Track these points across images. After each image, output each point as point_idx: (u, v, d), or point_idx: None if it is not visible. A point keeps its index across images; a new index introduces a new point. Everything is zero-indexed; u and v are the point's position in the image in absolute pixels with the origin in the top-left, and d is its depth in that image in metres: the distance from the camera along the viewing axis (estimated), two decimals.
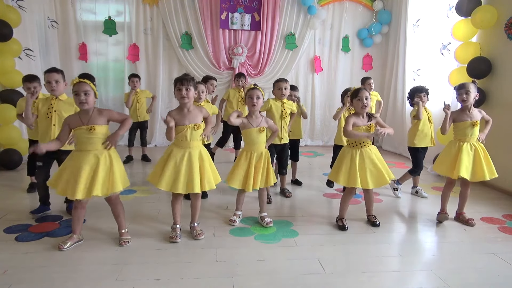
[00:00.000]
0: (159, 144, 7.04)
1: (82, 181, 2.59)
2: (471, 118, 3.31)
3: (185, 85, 2.82)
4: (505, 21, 4.46)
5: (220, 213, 3.62)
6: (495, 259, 2.77)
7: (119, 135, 2.75)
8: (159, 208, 3.67)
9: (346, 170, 3.11)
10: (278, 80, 3.96)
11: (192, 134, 2.85)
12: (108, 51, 6.81)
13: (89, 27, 6.67)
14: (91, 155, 2.64)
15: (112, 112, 2.79)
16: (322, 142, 7.65)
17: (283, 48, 7.19)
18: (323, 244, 2.98)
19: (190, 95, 2.84)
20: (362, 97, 3.07)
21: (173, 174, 2.81)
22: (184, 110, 2.89)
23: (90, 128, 2.64)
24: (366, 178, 3.07)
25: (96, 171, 2.62)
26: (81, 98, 2.62)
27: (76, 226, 2.83)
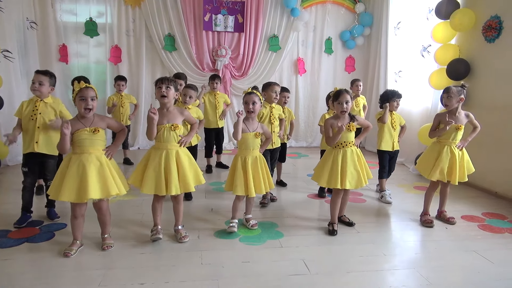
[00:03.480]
0: (142, 146, 6.97)
1: (93, 181, 2.56)
2: (456, 121, 3.36)
3: (165, 84, 2.82)
4: (482, 24, 4.58)
5: (205, 216, 3.60)
6: (476, 257, 2.83)
7: (118, 146, 2.84)
8: (143, 211, 3.63)
9: (328, 171, 3.12)
10: (272, 83, 3.89)
11: (169, 135, 2.83)
12: (90, 52, 6.70)
13: (69, 28, 6.55)
14: (93, 157, 2.62)
15: (112, 120, 2.87)
16: (306, 143, 7.69)
17: (266, 50, 7.21)
18: (308, 245, 3.00)
19: (170, 94, 2.83)
20: (343, 101, 3.06)
21: (154, 177, 2.79)
22: (163, 109, 2.88)
23: (94, 129, 2.64)
24: (346, 179, 3.09)
25: (103, 173, 2.61)
26: (88, 104, 2.63)
27: (77, 232, 2.80)
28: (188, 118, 3.02)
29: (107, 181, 2.61)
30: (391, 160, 4.26)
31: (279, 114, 3.98)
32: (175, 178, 2.80)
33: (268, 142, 3.36)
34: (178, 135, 2.87)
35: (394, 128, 4.16)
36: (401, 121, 4.28)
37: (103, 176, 2.61)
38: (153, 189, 2.80)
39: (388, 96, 4.14)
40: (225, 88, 6.97)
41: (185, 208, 3.24)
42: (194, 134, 3.11)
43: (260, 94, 3.19)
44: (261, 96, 3.21)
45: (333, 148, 3.16)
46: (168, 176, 2.79)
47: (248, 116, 3.15)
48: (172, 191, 2.79)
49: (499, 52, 4.41)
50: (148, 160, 2.84)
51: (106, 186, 2.61)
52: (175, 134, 2.85)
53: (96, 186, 2.57)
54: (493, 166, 4.41)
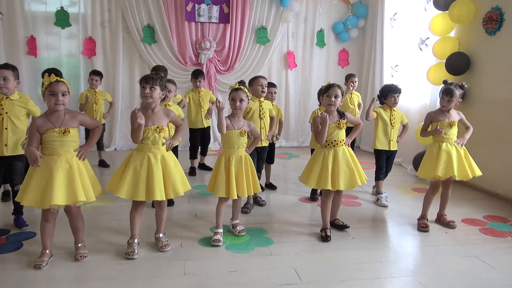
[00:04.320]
0: (119, 147, 6.90)
1: (59, 186, 2.51)
2: (449, 118, 3.43)
3: (150, 83, 2.78)
4: (483, 16, 4.65)
5: (188, 222, 3.58)
6: (477, 262, 2.88)
7: (92, 145, 2.80)
8: (120, 218, 3.60)
9: (317, 171, 3.13)
10: (258, 76, 3.97)
11: (154, 138, 2.81)
12: (61, 45, 6.62)
13: (38, 18, 6.45)
14: (63, 160, 2.58)
15: (85, 116, 2.83)
16: (297, 143, 7.72)
17: (254, 42, 7.21)
18: (300, 252, 3.01)
19: (155, 95, 2.80)
20: (331, 94, 3.10)
21: (133, 181, 2.76)
22: (148, 110, 2.85)
23: (64, 130, 2.59)
24: (338, 179, 3.10)
25: (72, 177, 2.56)
26: (58, 100, 2.58)
27: (47, 240, 2.75)
28: (174, 119, 3.00)
29: (75, 186, 2.56)
30: (387, 160, 4.30)
31: (270, 110, 3.98)
32: (160, 182, 2.78)
33: (257, 142, 3.36)
34: (163, 137, 2.86)
35: (393, 126, 4.18)
36: (403, 119, 4.30)
37: (71, 180, 2.56)
38: (130, 193, 2.76)
39: (385, 91, 4.17)
40: (209, 83, 6.95)
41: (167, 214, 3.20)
42: (179, 136, 3.11)
43: (247, 91, 3.19)
44: (248, 92, 3.21)
45: (323, 147, 3.17)
46: (151, 181, 2.76)
47: (234, 113, 3.15)
48: (156, 196, 2.75)
49: (500, 45, 4.49)
50: (129, 162, 2.81)
51: (74, 191, 2.56)
52: (160, 137, 2.84)
53: (62, 192, 2.52)
54: (495, 166, 4.48)
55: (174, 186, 2.83)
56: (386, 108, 4.20)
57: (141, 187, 2.75)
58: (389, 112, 4.19)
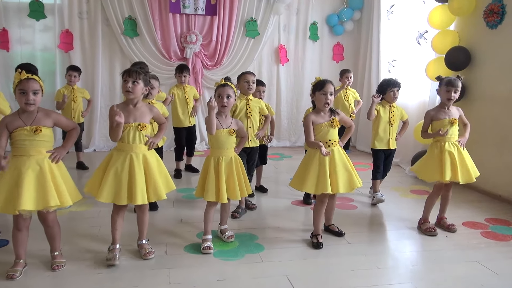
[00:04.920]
0: (99, 148, 6.86)
1: (28, 189, 2.47)
2: (449, 116, 3.45)
3: (133, 77, 2.76)
4: (484, 8, 4.70)
5: (173, 228, 3.57)
6: (479, 268, 2.91)
7: (67, 148, 2.77)
8: (99, 224, 3.57)
9: (314, 175, 3.09)
10: (245, 72, 3.98)
11: (135, 136, 2.79)
12: (35, 38, 6.55)
13: (10, 9, 6.38)
14: (32, 161, 2.55)
15: (60, 116, 2.79)
16: (289, 142, 7.73)
17: (243, 36, 7.21)
18: (293, 259, 3.01)
19: (137, 90, 2.79)
20: (327, 92, 3.09)
21: (114, 183, 2.73)
22: (129, 106, 2.84)
23: (35, 129, 2.55)
24: (337, 181, 3.09)
25: (43, 180, 2.53)
26: (29, 99, 2.54)
27: (20, 249, 2.72)
28: (157, 116, 2.99)
29: (46, 190, 2.52)
30: (386, 159, 4.33)
31: (260, 108, 3.98)
32: (142, 184, 2.76)
33: (244, 141, 3.37)
34: (145, 135, 2.84)
35: (392, 123, 4.20)
36: (403, 115, 4.33)
37: (42, 183, 2.53)
38: (112, 196, 2.74)
39: (383, 86, 4.18)
40: (195, 79, 6.94)
41: (150, 219, 3.21)
42: (162, 135, 3.09)
43: (234, 87, 3.19)
44: (235, 89, 3.21)
45: (316, 148, 3.14)
46: (133, 183, 2.74)
47: (221, 110, 3.15)
48: (137, 200, 2.74)
49: (501, 39, 4.54)
50: (108, 164, 2.80)
51: (44, 195, 2.52)
52: (142, 135, 2.82)
53: (31, 196, 2.49)
54: (496, 166, 4.54)
55: (156, 189, 2.81)
56: (385, 104, 4.22)
57: (123, 190, 2.73)
58: (388, 108, 4.21)
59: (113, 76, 6.82)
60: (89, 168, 5.50)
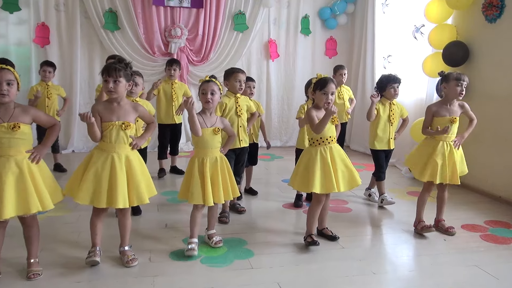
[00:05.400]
0: (77, 149, 6.82)
1: (10, 196, 2.44)
2: (450, 113, 3.48)
3: (113, 76, 2.73)
4: (482, 1, 4.75)
5: (157, 233, 3.56)
6: (478, 272, 2.94)
7: (48, 146, 2.74)
8: (79, 229, 3.54)
9: (319, 174, 3.11)
10: (235, 70, 3.90)
11: (118, 135, 2.77)
12: (9, 32, 6.49)
13: None
14: (12, 163, 2.52)
15: (39, 112, 2.75)
16: (280, 142, 7.75)
17: (231, 29, 7.21)
18: (284, 265, 3.02)
19: (120, 89, 2.76)
20: (329, 92, 3.11)
21: (93, 184, 2.71)
22: (113, 104, 2.82)
23: (13, 125, 2.52)
24: (338, 180, 3.13)
25: (23, 185, 2.50)
26: (2, 89, 2.50)
27: None
28: (143, 115, 2.97)
29: (27, 194, 2.50)
30: (385, 159, 4.35)
31: (248, 106, 3.98)
32: (123, 187, 2.74)
33: (232, 140, 3.37)
34: (129, 135, 2.82)
35: (392, 122, 4.21)
36: (403, 112, 4.33)
37: (23, 188, 2.50)
38: (90, 198, 2.71)
39: (383, 82, 4.18)
40: (181, 76, 6.90)
41: (133, 224, 3.18)
42: (149, 136, 3.08)
43: (219, 84, 3.19)
44: (220, 86, 3.21)
45: (315, 146, 3.17)
46: (114, 185, 2.72)
47: (205, 107, 3.14)
48: (119, 203, 2.72)
49: (501, 33, 4.60)
50: (88, 164, 2.77)
51: (26, 201, 2.50)
52: (126, 134, 2.80)
53: (13, 203, 2.46)
54: (496, 167, 4.59)
55: (138, 192, 2.80)
56: (384, 102, 4.21)
57: (103, 192, 2.71)
58: (388, 106, 4.21)
59: (93, 72, 6.78)
60: (67, 170, 5.46)
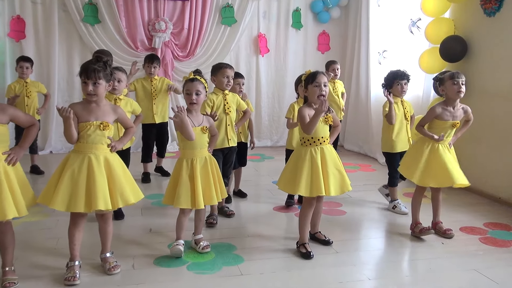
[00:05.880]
0: (56, 150, 6.78)
1: None
2: (454, 118, 3.49)
3: (92, 79, 2.71)
4: None
5: (141, 239, 3.55)
6: (477, 276, 2.97)
7: (26, 147, 2.74)
8: (57, 235, 3.52)
9: (307, 175, 3.11)
10: (223, 66, 3.88)
11: (96, 135, 2.76)
12: None
13: None
14: None
15: (17, 111, 2.75)
16: (270, 142, 7.76)
17: (218, 23, 7.20)
18: (275, 271, 3.02)
19: (100, 91, 2.75)
20: (321, 83, 3.11)
21: (69, 188, 2.68)
22: (91, 104, 2.80)
23: None
24: (329, 183, 3.12)
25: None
26: None
27: None
28: (122, 118, 2.96)
29: (2, 199, 2.48)
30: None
31: (238, 103, 3.98)
32: (104, 188, 2.71)
33: (216, 139, 3.39)
34: (108, 137, 2.81)
35: (408, 119, 4.19)
36: (411, 109, 4.31)
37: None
38: (66, 204, 2.67)
39: (390, 78, 4.17)
40: (165, 72, 6.91)
41: (116, 230, 3.17)
42: (128, 140, 3.08)
43: (205, 81, 3.19)
44: (206, 83, 3.21)
45: (306, 146, 3.17)
46: (92, 187, 2.69)
47: (190, 108, 3.15)
48: (99, 205, 2.68)
49: (500, 27, 4.64)
50: (65, 166, 2.74)
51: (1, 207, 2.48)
52: (104, 135, 2.79)
53: None
54: (496, 167, 4.63)
55: (122, 193, 2.78)
56: (396, 100, 4.16)
57: (80, 196, 2.68)
58: (401, 104, 4.18)
59: (72, 69, 6.73)
60: (45, 172, 5.42)
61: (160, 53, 6.80)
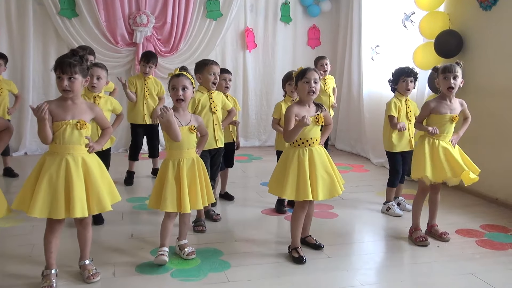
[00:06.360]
0: (30, 151, 6.72)
1: None
2: (451, 110, 3.51)
3: (67, 73, 2.68)
4: None
5: (122, 245, 3.53)
6: (474, 281, 3.00)
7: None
8: (32, 242, 3.48)
9: (294, 178, 3.12)
10: (208, 62, 3.87)
11: (73, 135, 2.73)
12: None
13: None
14: None
15: None
16: (258, 142, 7.77)
17: (203, 17, 7.19)
18: (264, 277, 3.02)
19: (76, 87, 2.72)
20: (310, 79, 3.12)
21: (48, 194, 2.66)
22: (67, 101, 2.78)
23: None
24: (317, 187, 3.13)
25: None
26: None
27: None
28: (99, 117, 2.94)
29: None
30: (404, 161, 4.29)
31: (223, 102, 3.97)
32: (81, 194, 2.69)
33: (206, 139, 3.38)
34: (85, 136, 2.79)
35: (410, 120, 4.22)
36: (415, 110, 4.32)
37: None
38: (47, 210, 2.65)
39: (397, 75, 4.20)
40: None
41: (95, 235, 3.15)
42: (106, 141, 3.07)
43: (191, 77, 3.18)
44: (193, 79, 3.20)
45: (294, 147, 3.19)
46: (70, 192, 2.67)
47: (177, 105, 3.14)
48: (76, 212, 2.66)
49: (497, 22, 4.69)
50: (40, 171, 2.72)
51: None
52: (81, 134, 2.76)
53: None
54: (493, 166, 4.66)
55: (99, 199, 2.76)
56: (400, 98, 4.22)
57: (60, 202, 2.66)
58: (404, 102, 4.22)
59: (47, 65, 6.66)
60: (20, 175, 5.37)
61: (141, 49, 6.76)
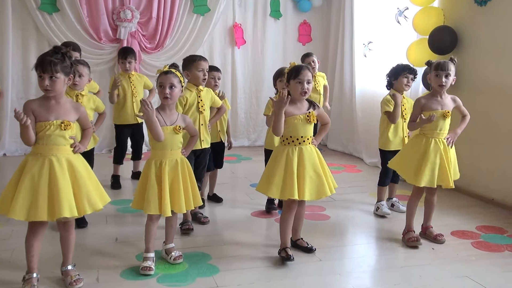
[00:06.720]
0: (10, 152, 6.63)
1: None
2: (442, 106, 3.54)
3: (48, 72, 2.66)
4: None
5: (106, 248, 3.52)
6: (470, 284, 3.03)
7: None
8: (12, 246, 3.46)
9: (280, 176, 3.15)
10: (197, 58, 3.85)
11: (56, 136, 2.72)
12: None
13: None
14: None
15: None
16: (248, 141, 7.77)
17: (190, 12, 7.18)
18: (254, 282, 3.03)
19: (57, 86, 2.70)
20: (303, 79, 3.14)
21: (29, 194, 2.64)
22: (50, 101, 2.76)
23: None
24: (304, 187, 3.15)
25: None
26: None
27: None
28: (83, 118, 2.94)
29: None
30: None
31: (212, 100, 3.97)
32: (68, 193, 2.68)
33: (194, 140, 3.37)
34: (70, 136, 2.77)
35: (405, 118, 4.25)
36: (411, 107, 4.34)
37: None
38: (26, 212, 2.63)
39: (397, 70, 4.22)
40: None
41: (78, 239, 3.13)
42: (88, 142, 3.07)
43: (180, 75, 3.18)
44: (182, 77, 3.20)
45: (284, 145, 3.21)
46: (55, 193, 2.65)
47: (164, 103, 3.13)
48: (64, 211, 2.64)
49: (492, 18, 4.73)
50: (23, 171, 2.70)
51: None
52: (66, 135, 2.75)
53: None
54: (488, 166, 4.72)
55: (90, 198, 2.76)
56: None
57: (42, 203, 2.64)
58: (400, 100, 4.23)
59: (27, 63, 6.61)
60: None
61: (126, 45, 6.72)
